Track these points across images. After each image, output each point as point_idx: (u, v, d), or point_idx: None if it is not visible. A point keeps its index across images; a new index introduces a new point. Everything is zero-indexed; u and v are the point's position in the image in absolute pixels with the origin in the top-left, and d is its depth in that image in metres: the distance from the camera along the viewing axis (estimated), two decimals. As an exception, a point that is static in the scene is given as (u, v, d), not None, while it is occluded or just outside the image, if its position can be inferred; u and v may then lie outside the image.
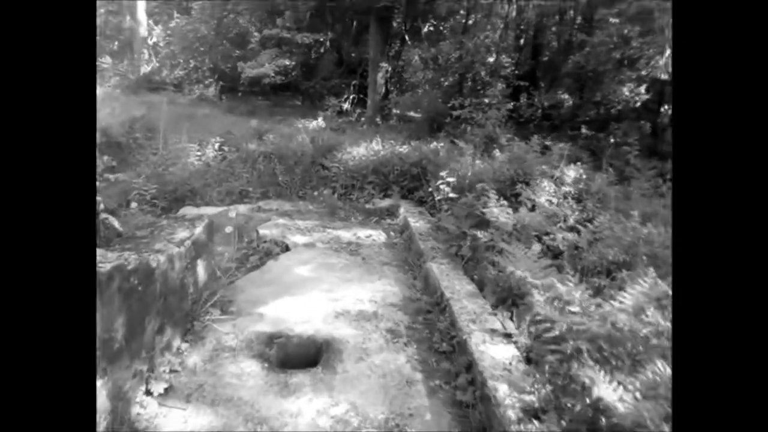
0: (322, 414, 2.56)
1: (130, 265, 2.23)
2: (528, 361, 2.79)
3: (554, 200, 3.90)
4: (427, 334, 3.40)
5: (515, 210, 3.52)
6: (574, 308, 2.18)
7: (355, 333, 3.38)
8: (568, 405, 2.13)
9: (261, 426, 2.44)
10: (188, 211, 6.09)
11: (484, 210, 3.57)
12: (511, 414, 2.27)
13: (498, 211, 3.44)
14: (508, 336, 2.99)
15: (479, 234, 3.58)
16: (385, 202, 6.44)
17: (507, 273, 3.28)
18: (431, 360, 3.09)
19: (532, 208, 3.92)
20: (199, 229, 3.42)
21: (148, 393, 2.49)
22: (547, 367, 2.42)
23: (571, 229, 3.53)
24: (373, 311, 3.70)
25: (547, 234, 3.33)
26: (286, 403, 2.63)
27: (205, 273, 3.54)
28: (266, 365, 2.98)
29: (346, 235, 5.48)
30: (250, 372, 2.89)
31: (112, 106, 9.52)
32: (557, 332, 2.14)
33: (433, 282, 3.94)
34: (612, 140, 8.82)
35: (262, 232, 5.40)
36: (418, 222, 5.29)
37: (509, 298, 3.35)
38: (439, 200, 5.16)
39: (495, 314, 3.25)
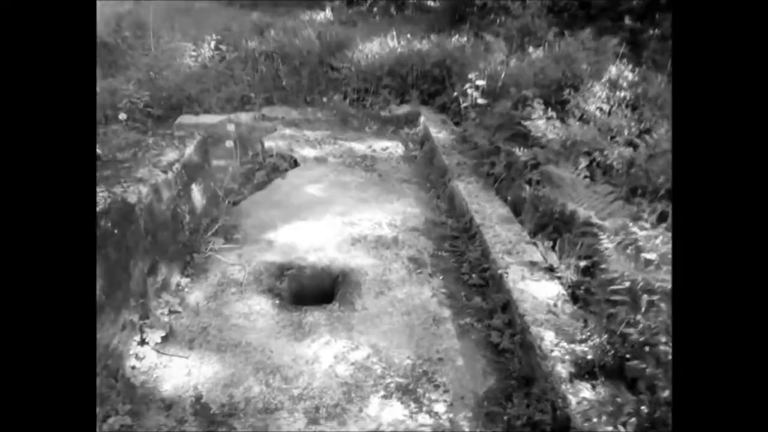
0: (341, 360, 2.28)
1: (98, 206, 1.81)
2: (574, 299, 2.44)
3: (606, 108, 3.29)
4: (455, 263, 3.04)
5: (562, 121, 2.94)
6: (650, 255, 1.75)
7: (374, 263, 3.03)
8: (634, 364, 1.78)
9: (273, 376, 2.18)
10: (186, 120, 5.55)
11: (526, 123, 3.00)
12: (561, 369, 1.95)
13: (544, 125, 2.87)
14: (550, 270, 2.61)
15: (517, 151, 3.05)
16: (403, 109, 5.79)
17: (548, 196, 2.81)
18: (460, 294, 2.76)
19: (580, 117, 3.33)
20: (190, 149, 2.94)
21: (143, 342, 2.21)
22: (604, 312, 2.05)
23: (629, 143, 2.97)
24: (392, 237, 3.32)
25: (600, 150, 2.80)
26: (301, 347, 2.35)
27: (202, 198, 3.14)
28: (277, 301, 2.67)
29: (359, 147, 4.96)
30: (259, 310, 2.60)
31: (94, 1, 8.52)
32: (627, 284, 1.74)
33: (459, 204, 3.50)
34: (656, 32, 7.74)
35: (267, 144, 4.90)
36: (440, 132, 4.71)
37: (550, 225, 2.92)
38: (466, 107, 4.53)
39: (534, 243, 2.85)
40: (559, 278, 2.55)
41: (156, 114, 5.74)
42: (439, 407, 2.06)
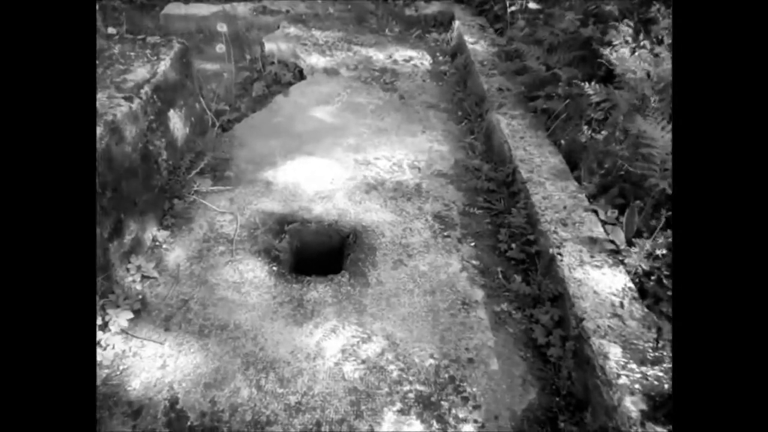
0: (349, 356, 1.87)
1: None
2: (642, 294, 1.94)
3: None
4: (490, 226, 2.51)
5: (651, 52, 2.18)
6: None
7: (393, 219, 2.51)
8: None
9: (266, 376, 1.78)
10: (173, 10, 4.68)
11: (603, 50, 2.25)
12: (630, 406, 1.52)
13: (629, 55, 2.11)
14: (615, 252, 2.08)
15: (586, 86, 2.34)
16: (433, 7, 4.83)
17: (623, 154, 2.18)
18: (496, 270, 2.27)
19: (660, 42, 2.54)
20: (165, 64, 2.27)
21: (106, 327, 1.79)
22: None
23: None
24: (415, 184, 2.75)
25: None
26: (301, 334, 1.93)
27: (184, 126, 2.53)
28: (275, 267, 2.21)
29: (378, 57, 4.15)
30: (252, 279, 2.14)
31: None
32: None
33: (499, 145, 2.86)
34: None
35: (268, 46, 4.11)
36: (478, 43, 3.87)
37: (616, 185, 2.33)
38: (513, 12, 3.64)
39: (595, 211, 2.28)
40: (623, 262, 2.04)
41: (139, 1, 4.85)
42: (468, 429, 1.68)
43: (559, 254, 2.05)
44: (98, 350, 1.76)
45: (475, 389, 1.79)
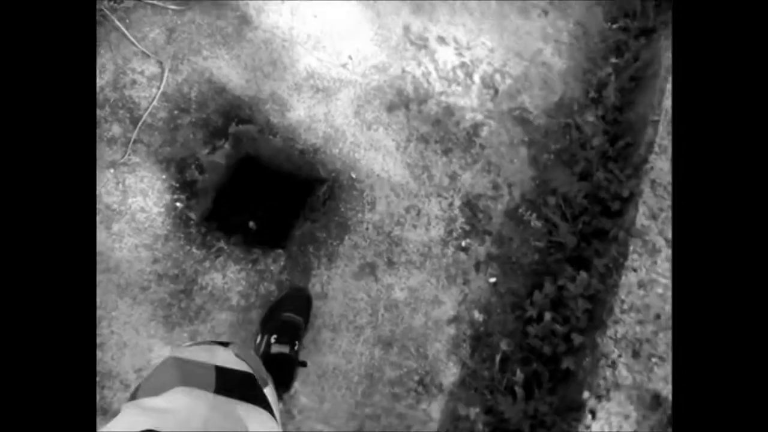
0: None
1: None
2: None
3: None
4: (537, 274, 1.54)
5: None
6: None
7: (403, 180, 1.54)
8: None
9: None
10: None
11: None
12: None
13: None
14: None
15: None
16: None
17: None
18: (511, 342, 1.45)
19: None
20: None
21: None
22: None
23: None
24: (471, 125, 1.62)
25: None
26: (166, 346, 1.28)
27: None
28: (179, 204, 1.39)
29: None
30: (134, 211, 1.35)
31: None
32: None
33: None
34: None
35: None
36: None
37: None
38: None
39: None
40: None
41: None
42: None
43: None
44: None
45: None
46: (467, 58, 1.68)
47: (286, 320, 1.27)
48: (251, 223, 1.52)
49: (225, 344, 0.80)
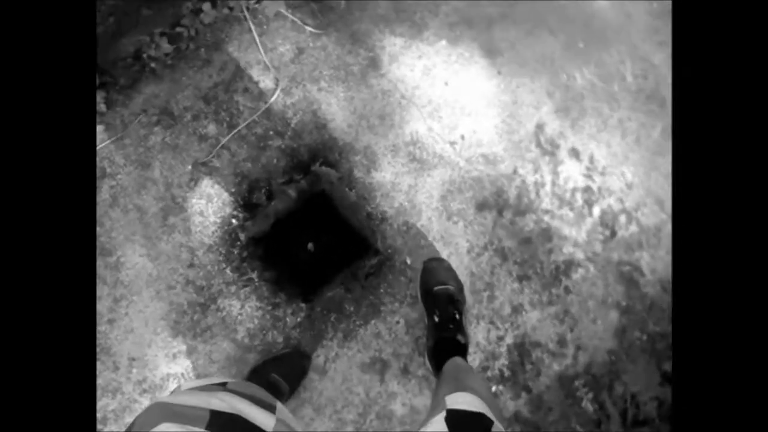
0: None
1: None
2: None
3: None
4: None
5: None
6: None
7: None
8: None
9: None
10: None
11: None
12: None
13: None
14: None
15: None
16: None
17: None
18: None
19: None
20: None
21: None
22: None
23: None
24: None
25: None
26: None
27: None
28: (244, 246, 1.39)
29: None
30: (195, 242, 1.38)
31: None
32: None
33: None
34: None
35: None
36: None
37: None
38: None
39: None
40: None
41: None
42: None
43: None
44: None
45: None
46: (595, 184, 1.42)
47: (272, 382, 1.21)
48: (310, 245, 1.47)
49: (223, 384, 0.74)
